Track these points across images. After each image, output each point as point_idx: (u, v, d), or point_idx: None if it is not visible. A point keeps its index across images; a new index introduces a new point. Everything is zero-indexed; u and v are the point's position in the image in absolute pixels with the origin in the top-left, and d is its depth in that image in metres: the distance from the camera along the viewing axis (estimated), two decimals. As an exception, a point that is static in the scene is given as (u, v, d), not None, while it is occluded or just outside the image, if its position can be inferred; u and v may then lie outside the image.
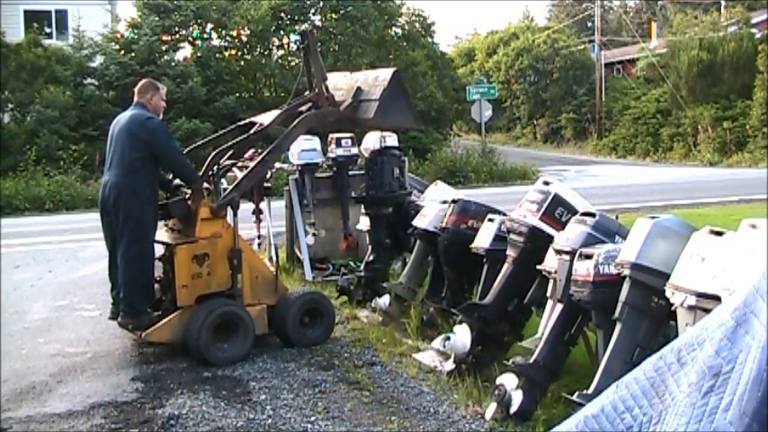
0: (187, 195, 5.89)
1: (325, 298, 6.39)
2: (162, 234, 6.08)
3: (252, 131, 6.38)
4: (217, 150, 6.15)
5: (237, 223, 5.87)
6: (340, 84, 6.47)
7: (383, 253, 7.39)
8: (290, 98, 6.56)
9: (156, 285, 6.13)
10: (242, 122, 6.94)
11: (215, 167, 6.03)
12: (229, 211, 5.84)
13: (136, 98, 6.06)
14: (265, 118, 6.62)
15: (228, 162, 6.30)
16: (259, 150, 6.59)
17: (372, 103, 5.98)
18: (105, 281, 8.67)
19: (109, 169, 5.92)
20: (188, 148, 6.83)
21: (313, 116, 6.24)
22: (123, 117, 5.99)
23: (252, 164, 6.08)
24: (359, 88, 6.15)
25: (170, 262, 5.85)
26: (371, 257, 7.40)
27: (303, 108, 6.35)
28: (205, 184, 5.92)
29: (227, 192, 5.88)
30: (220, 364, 5.51)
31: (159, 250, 6.09)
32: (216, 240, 5.74)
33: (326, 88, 6.24)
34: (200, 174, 5.96)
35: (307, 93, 6.50)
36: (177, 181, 6.17)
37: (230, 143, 6.31)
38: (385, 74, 6.09)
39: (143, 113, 5.90)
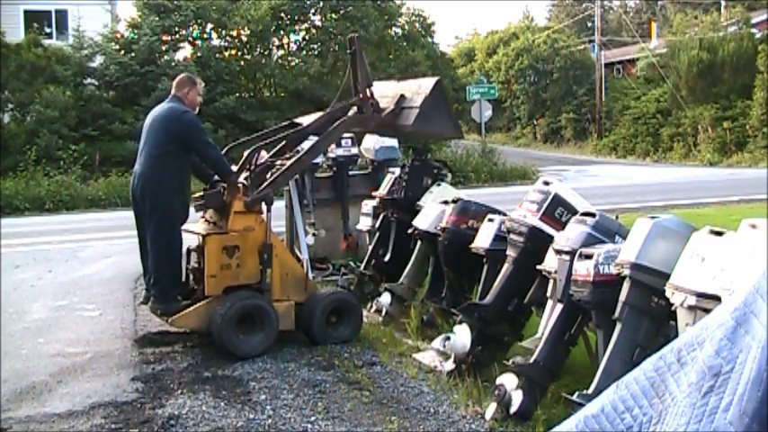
0: (224, 188, 6.02)
1: (354, 298, 6.41)
2: (198, 225, 6.19)
3: (291, 132, 6.56)
4: (252, 147, 6.28)
5: (271, 219, 5.92)
6: (387, 92, 6.54)
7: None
8: (334, 102, 6.69)
9: (191, 276, 6.25)
10: (285, 123, 7.15)
11: (250, 164, 6.11)
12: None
13: (173, 91, 6.25)
14: (309, 120, 6.76)
15: (269, 159, 6.40)
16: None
17: (413, 110, 6.07)
18: (105, 281, 8.74)
19: (140, 159, 6.10)
20: (232, 143, 7.14)
21: (354, 119, 6.34)
22: (159, 109, 6.18)
23: (288, 162, 6.17)
24: (402, 95, 6.23)
25: (202, 252, 5.93)
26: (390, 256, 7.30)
27: (349, 113, 6.43)
28: (241, 179, 6.03)
29: (262, 187, 5.94)
30: (240, 355, 5.58)
31: (195, 241, 6.19)
32: (247, 234, 5.80)
33: (372, 93, 6.29)
34: (237, 169, 6.09)
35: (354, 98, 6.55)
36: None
37: (262, 142, 6.51)
38: (428, 83, 6.21)
39: (179, 107, 6.09)
